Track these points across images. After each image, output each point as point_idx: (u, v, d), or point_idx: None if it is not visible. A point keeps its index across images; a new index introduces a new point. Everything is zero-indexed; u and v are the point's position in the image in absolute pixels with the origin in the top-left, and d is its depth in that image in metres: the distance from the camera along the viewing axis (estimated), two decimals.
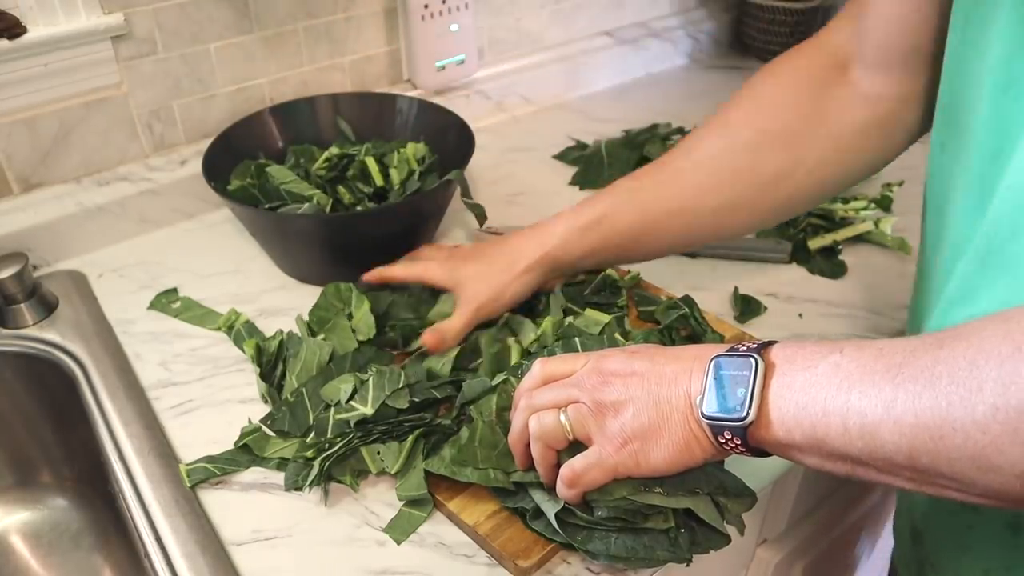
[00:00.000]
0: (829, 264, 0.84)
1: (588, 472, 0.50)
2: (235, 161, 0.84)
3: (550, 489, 0.53)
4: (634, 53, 1.28)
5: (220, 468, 0.61)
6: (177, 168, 0.90)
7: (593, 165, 1.01)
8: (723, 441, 0.46)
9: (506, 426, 0.57)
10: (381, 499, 0.60)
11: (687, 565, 0.53)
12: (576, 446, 0.51)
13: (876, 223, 0.87)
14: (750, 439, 0.45)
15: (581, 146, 1.07)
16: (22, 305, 0.76)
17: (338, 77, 1.00)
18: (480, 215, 0.80)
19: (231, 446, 0.64)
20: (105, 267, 0.85)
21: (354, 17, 0.97)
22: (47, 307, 0.77)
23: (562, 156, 1.06)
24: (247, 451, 0.62)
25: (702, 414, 0.46)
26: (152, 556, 0.55)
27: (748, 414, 0.44)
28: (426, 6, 0.99)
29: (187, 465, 0.61)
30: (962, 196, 0.49)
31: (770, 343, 0.46)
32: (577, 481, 0.50)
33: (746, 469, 0.63)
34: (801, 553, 0.79)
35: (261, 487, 0.61)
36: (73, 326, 0.76)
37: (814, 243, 0.85)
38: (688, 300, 0.72)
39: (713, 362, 0.47)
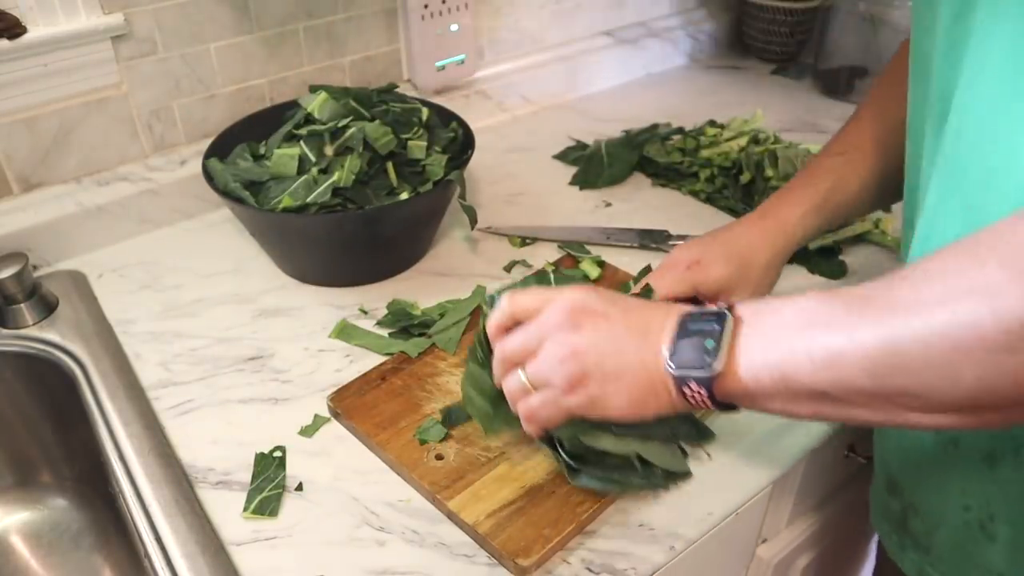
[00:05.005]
0: (829, 264, 0.84)
1: (542, 409, 0.52)
2: None
3: None
4: (634, 53, 1.28)
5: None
6: (177, 168, 0.90)
7: (593, 165, 1.01)
8: (688, 394, 0.47)
9: (485, 354, 0.58)
10: (381, 499, 0.60)
11: (667, 490, 0.58)
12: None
13: (876, 223, 0.87)
14: (716, 390, 0.46)
15: (581, 146, 1.07)
16: (22, 305, 0.76)
17: (338, 77, 1.00)
18: (472, 218, 0.80)
19: (232, 446, 0.64)
20: (105, 267, 0.85)
21: (354, 17, 0.97)
22: (47, 307, 0.77)
23: (562, 156, 1.06)
24: None
25: (669, 366, 0.47)
26: (152, 556, 0.55)
27: (717, 365, 0.45)
28: (426, 6, 0.99)
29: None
30: (926, 140, 0.53)
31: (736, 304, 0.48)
32: (533, 417, 0.53)
33: (746, 468, 0.63)
34: (801, 553, 0.79)
35: None
36: (73, 326, 0.76)
37: (814, 243, 0.85)
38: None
39: (682, 318, 0.48)
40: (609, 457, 0.56)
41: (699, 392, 0.47)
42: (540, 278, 0.63)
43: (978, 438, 0.51)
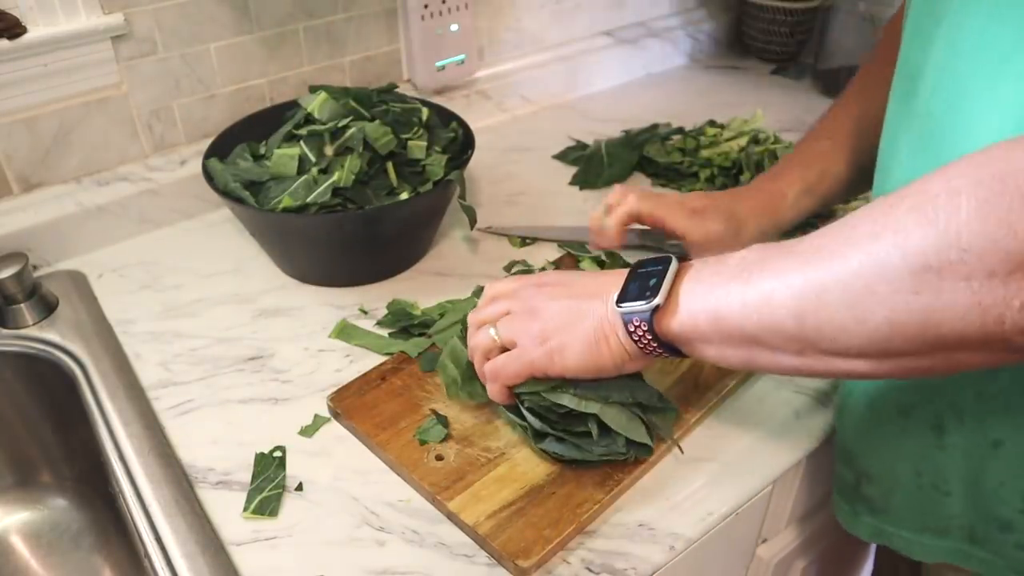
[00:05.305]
0: None
1: (507, 366, 0.56)
2: None
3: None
4: (634, 53, 1.28)
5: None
6: (177, 168, 0.90)
7: (593, 165, 1.01)
8: (632, 330, 0.51)
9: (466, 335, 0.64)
10: (381, 499, 0.60)
11: (631, 459, 0.59)
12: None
13: None
14: (656, 327, 0.50)
15: (581, 146, 1.07)
16: (22, 305, 0.76)
17: (338, 77, 1.00)
18: (471, 218, 0.80)
19: (232, 446, 0.64)
20: (105, 267, 0.85)
21: (354, 17, 0.97)
22: (47, 307, 0.77)
23: (562, 156, 1.06)
24: None
25: (616, 305, 0.52)
26: (152, 556, 0.55)
27: (656, 300, 0.50)
28: (426, 6, 0.99)
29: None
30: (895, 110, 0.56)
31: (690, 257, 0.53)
32: (498, 374, 0.57)
33: (746, 468, 0.63)
34: (801, 553, 0.79)
35: None
36: (73, 326, 0.76)
37: None
38: None
39: (633, 267, 0.54)
40: (573, 424, 0.58)
41: (641, 327, 0.50)
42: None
43: (926, 408, 0.54)
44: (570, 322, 0.54)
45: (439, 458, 0.61)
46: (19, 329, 0.75)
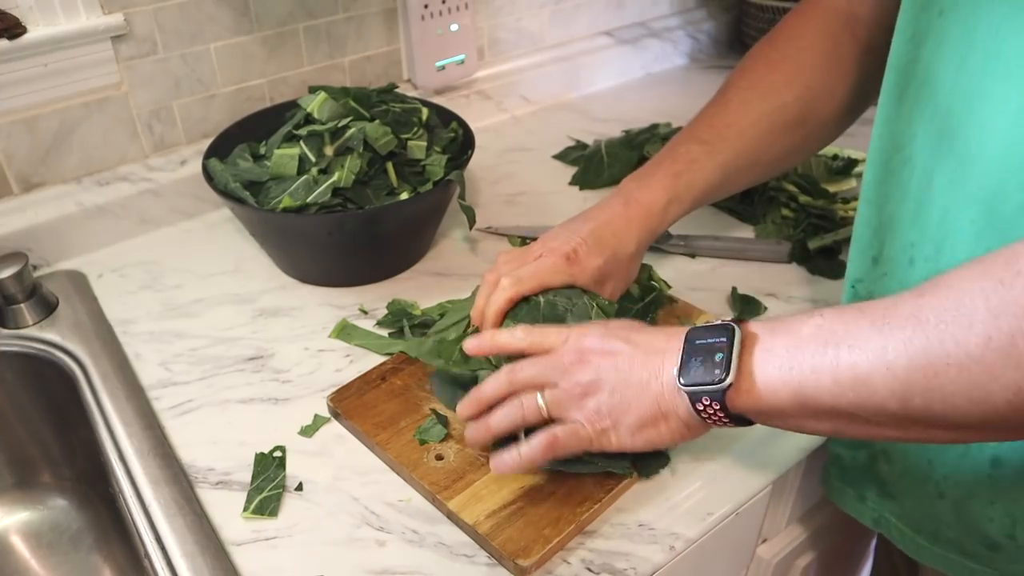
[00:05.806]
0: (829, 264, 0.84)
1: (567, 441, 0.53)
2: None
3: None
4: (634, 53, 1.28)
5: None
6: (177, 168, 0.90)
7: (593, 165, 1.01)
8: (701, 408, 0.48)
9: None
10: (381, 499, 0.60)
11: (631, 476, 0.59)
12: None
13: None
14: (729, 404, 0.47)
15: (581, 146, 1.07)
16: (22, 305, 0.76)
17: (338, 77, 1.00)
18: (471, 218, 0.80)
19: (232, 446, 0.64)
20: (105, 267, 0.85)
21: (354, 17, 0.97)
22: (47, 307, 0.77)
23: (562, 156, 1.06)
24: None
25: (680, 383, 0.48)
26: (152, 556, 0.55)
27: (727, 377, 0.46)
28: (426, 6, 0.99)
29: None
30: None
31: (746, 319, 0.49)
32: (553, 450, 0.53)
33: (746, 468, 0.63)
34: (801, 553, 0.79)
35: None
36: (73, 326, 0.76)
37: (814, 243, 0.85)
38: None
39: (688, 336, 0.50)
40: None
41: (712, 406, 0.47)
42: (548, 303, 0.64)
43: None
44: (624, 401, 0.51)
45: (439, 458, 0.61)
46: (19, 329, 0.75)
